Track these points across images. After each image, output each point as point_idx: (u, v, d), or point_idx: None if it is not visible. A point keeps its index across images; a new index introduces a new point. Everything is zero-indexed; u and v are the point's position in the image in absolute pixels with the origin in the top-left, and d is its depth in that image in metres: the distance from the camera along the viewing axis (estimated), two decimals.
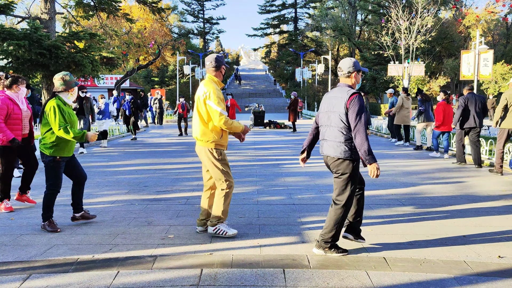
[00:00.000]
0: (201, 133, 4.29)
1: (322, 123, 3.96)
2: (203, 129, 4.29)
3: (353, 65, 3.87)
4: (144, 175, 7.97)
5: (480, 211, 5.44)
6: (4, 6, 12.68)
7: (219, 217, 4.35)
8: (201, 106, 4.27)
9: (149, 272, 3.46)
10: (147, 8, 18.54)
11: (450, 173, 8.26)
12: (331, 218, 3.77)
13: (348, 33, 50.32)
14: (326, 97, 3.99)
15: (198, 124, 4.32)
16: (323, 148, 3.91)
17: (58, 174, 4.63)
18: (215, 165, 4.31)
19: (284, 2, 64.73)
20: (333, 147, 3.77)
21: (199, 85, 4.44)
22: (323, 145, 3.91)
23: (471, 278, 3.35)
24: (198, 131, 4.33)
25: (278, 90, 59.99)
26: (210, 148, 4.30)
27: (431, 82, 35.29)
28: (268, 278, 3.35)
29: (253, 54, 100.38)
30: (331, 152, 3.79)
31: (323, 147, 3.92)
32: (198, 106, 4.30)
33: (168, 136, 16.74)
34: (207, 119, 4.27)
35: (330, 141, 3.80)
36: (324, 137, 3.90)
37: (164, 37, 46.37)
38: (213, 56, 4.41)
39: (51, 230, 4.58)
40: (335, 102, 3.80)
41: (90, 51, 13.39)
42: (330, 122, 3.82)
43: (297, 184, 7.14)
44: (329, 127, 3.84)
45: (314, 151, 4.63)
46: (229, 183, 4.33)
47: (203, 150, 4.34)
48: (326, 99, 3.96)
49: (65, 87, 4.60)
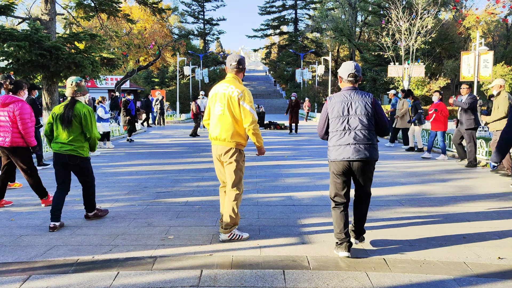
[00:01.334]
0: (234, 133, 4.14)
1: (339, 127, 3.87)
2: (235, 129, 4.15)
3: (359, 69, 3.98)
4: (144, 176, 7.97)
5: (480, 212, 5.44)
6: (4, 7, 12.69)
7: (234, 222, 4.27)
8: (234, 106, 4.13)
9: (149, 273, 3.46)
10: (148, 9, 18.54)
11: (450, 174, 8.26)
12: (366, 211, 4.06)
13: (348, 34, 50.37)
14: (335, 101, 3.93)
15: (230, 124, 4.14)
16: (350, 152, 3.80)
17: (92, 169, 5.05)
18: (238, 167, 4.23)
19: (284, 3, 64.79)
20: (369, 150, 3.81)
21: (221, 84, 4.29)
22: (348, 149, 3.81)
23: (471, 280, 3.35)
24: (228, 132, 4.15)
25: (278, 91, 60.05)
26: (239, 149, 4.23)
27: (431, 83, 35.31)
28: (268, 279, 3.35)
29: (253, 55, 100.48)
30: (366, 155, 3.79)
31: (348, 151, 3.81)
32: (230, 106, 4.14)
33: (169, 137, 16.75)
34: (239, 120, 4.16)
35: (367, 145, 3.81)
36: (354, 141, 3.81)
37: (165, 38, 46.42)
38: (238, 57, 4.33)
39: (104, 213, 5.17)
40: (355, 105, 3.84)
41: (91, 52, 13.39)
42: (356, 125, 3.82)
43: (297, 185, 7.14)
44: (354, 130, 3.82)
45: (314, 153, 4.61)
46: (242, 187, 4.34)
47: (231, 152, 4.19)
48: (337, 103, 3.91)
49: (83, 92, 4.82)
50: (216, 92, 4.29)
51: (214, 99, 4.29)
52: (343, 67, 4.00)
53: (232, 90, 4.17)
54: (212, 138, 4.28)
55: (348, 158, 3.80)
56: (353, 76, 3.93)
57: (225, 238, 4.27)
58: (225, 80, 4.35)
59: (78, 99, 4.80)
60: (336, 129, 3.89)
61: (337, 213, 3.93)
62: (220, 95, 4.23)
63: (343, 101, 3.90)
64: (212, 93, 4.35)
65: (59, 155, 4.72)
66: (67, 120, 4.66)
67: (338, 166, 3.88)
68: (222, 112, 4.18)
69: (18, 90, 5.71)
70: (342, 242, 3.85)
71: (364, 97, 3.88)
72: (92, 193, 5.00)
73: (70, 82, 4.77)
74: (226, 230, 4.25)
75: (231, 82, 4.26)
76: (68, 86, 4.77)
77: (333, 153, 3.91)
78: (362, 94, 3.90)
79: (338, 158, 3.85)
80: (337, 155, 3.86)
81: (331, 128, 3.94)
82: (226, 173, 4.29)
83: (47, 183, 7.25)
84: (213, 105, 4.30)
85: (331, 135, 3.95)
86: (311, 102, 45.08)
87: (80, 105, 4.75)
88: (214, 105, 4.27)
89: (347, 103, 3.87)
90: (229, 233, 4.27)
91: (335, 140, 3.89)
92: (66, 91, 4.80)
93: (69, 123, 4.67)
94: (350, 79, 3.94)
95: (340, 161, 3.85)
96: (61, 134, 4.70)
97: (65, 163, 4.74)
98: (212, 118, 4.31)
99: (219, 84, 4.33)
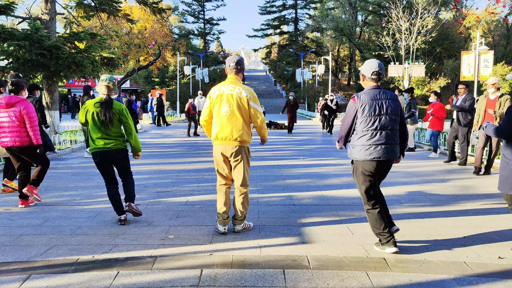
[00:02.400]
0: (244, 132, 4.29)
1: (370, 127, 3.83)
2: (245, 129, 4.31)
3: (383, 68, 3.96)
4: (144, 176, 7.97)
5: (480, 211, 5.44)
6: (4, 6, 12.68)
7: (245, 214, 4.55)
8: (244, 106, 4.27)
9: (149, 273, 3.46)
10: (148, 9, 18.52)
11: (450, 174, 8.26)
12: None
13: (349, 34, 50.32)
14: (364, 100, 3.85)
15: (241, 124, 4.27)
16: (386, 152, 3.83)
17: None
18: (247, 164, 4.44)
19: (285, 3, 64.71)
20: (396, 149, 3.91)
21: (225, 85, 4.35)
22: (385, 149, 3.83)
23: (471, 279, 3.35)
24: (240, 131, 4.27)
25: (278, 90, 59.99)
26: (247, 148, 4.43)
27: (432, 83, 35.30)
28: (268, 278, 3.35)
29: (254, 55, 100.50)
30: (394, 155, 3.90)
31: (385, 151, 3.83)
32: (240, 107, 4.26)
33: (169, 137, 16.75)
34: (247, 119, 4.32)
35: (395, 145, 3.90)
36: (385, 141, 3.84)
37: (165, 38, 46.39)
38: (237, 58, 4.44)
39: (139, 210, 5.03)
40: (386, 104, 3.85)
41: (91, 52, 13.38)
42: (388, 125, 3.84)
43: (297, 185, 7.14)
44: (392, 130, 3.86)
45: (315, 153, 4.61)
46: (248, 183, 4.54)
47: (241, 150, 4.34)
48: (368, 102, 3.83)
49: (116, 91, 4.87)
50: (221, 93, 4.33)
51: (219, 99, 4.33)
52: (367, 65, 3.93)
53: (240, 91, 4.28)
54: (220, 139, 4.34)
55: (379, 157, 3.81)
56: (377, 74, 3.88)
57: (240, 228, 4.56)
58: (227, 81, 4.40)
59: (112, 97, 4.83)
60: (367, 129, 3.83)
61: (374, 212, 3.94)
62: (227, 96, 4.29)
63: (374, 99, 3.83)
64: (216, 93, 4.37)
65: (105, 152, 4.74)
66: (108, 119, 4.68)
67: (368, 166, 3.86)
68: (232, 112, 4.28)
69: (20, 91, 5.75)
70: (390, 239, 3.90)
71: (392, 97, 3.90)
72: (133, 183, 5.09)
73: (105, 80, 4.75)
74: (240, 221, 4.53)
75: (235, 83, 4.35)
76: (103, 84, 4.74)
77: (362, 153, 3.86)
78: (389, 93, 3.91)
79: (368, 158, 3.83)
80: (366, 155, 3.83)
81: (361, 128, 3.86)
82: (236, 171, 4.43)
83: (45, 184, 7.25)
84: (218, 106, 4.33)
85: (360, 134, 3.87)
86: (311, 102, 45.11)
87: (116, 103, 4.79)
88: (221, 106, 4.31)
89: (378, 103, 3.82)
90: (243, 224, 4.57)
91: (365, 140, 3.83)
92: (100, 89, 4.76)
93: (110, 122, 4.70)
94: (374, 77, 3.89)
95: (370, 161, 3.84)
96: (103, 131, 4.72)
97: (112, 158, 4.80)
98: (218, 119, 4.34)
99: (223, 85, 4.38)
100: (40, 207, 5.64)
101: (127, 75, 29.44)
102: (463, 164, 9.26)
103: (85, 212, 5.41)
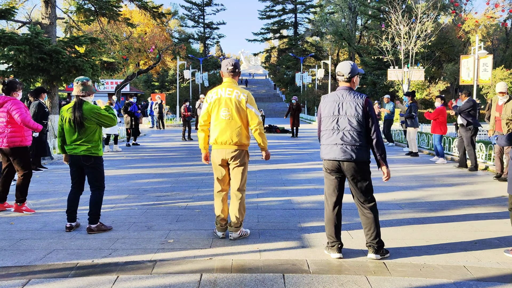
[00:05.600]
0: (243, 136, 4.25)
1: (329, 127, 3.88)
2: (244, 132, 4.27)
3: (352, 69, 3.90)
4: (144, 180, 7.97)
5: (480, 216, 5.44)
6: (5, 11, 12.73)
7: (242, 220, 4.44)
8: (243, 109, 4.23)
9: (148, 277, 3.46)
10: (148, 13, 18.60)
11: (450, 178, 8.26)
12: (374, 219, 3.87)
13: (348, 38, 50.44)
14: (327, 100, 3.94)
15: (240, 127, 4.22)
16: (337, 152, 3.80)
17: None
18: (245, 168, 4.38)
19: (284, 8, 64.99)
20: (353, 150, 3.76)
21: (222, 88, 4.29)
22: (335, 149, 3.81)
23: (471, 283, 3.35)
24: (239, 135, 4.22)
25: (278, 94, 60.12)
26: (247, 151, 4.38)
27: (431, 87, 35.36)
28: (267, 283, 3.34)
29: (253, 59, 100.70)
30: (353, 156, 3.75)
31: (335, 152, 3.81)
32: (238, 110, 4.21)
33: (168, 141, 16.75)
34: (245, 123, 4.27)
35: (348, 145, 3.77)
36: (335, 142, 3.82)
37: (165, 42, 46.51)
38: (234, 61, 4.39)
39: (108, 228, 4.79)
40: (346, 106, 3.81)
41: (91, 56, 13.42)
42: (344, 126, 3.79)
43: (297, 189, 7.14)
44: (343, 131, 3.80)
45: (314, 157, 4.62)
46: (245, 188, 4.48)
47: (241, 154, 4.29)
48: (329, 102, 3.92)
49: (89, 92, 4.69)
50: (219, 97, 4.27)
51: (217, 104, 4.27)
52: (338, 67, 4.00)
53: (238, 94, 4.23)
54: (220, 143, 4.27)
55: (335, 158, 3.83)
56: (340, 75, 3.92)
57: (236, 236, 4.42)
58: (224, 84, 4.34)
59: (84, 99, 4.65)
60: (326, 128, 3.92)
61: (327, 212, 3.96)
62: (225, 100, 4.24)
63: (335, 100, 3.89)
64: (213, 97, 4.31)
65: (74, 157, 4.69)
66: (78, 123, 4.55)
67: (328, 165, 3.93)
68: (231, 116, 4.22)
69: (11, 92, 5.61)
70: (334, 245, 3.89)
71: (356, 98, 3.82)
72: (100, 201, 4.75)
73: (76, 81, 4.69)
74: (236, 229, 4.41)
75: (232, 86, 4.30)
76: (74, 85, 4.68)
77: (322, 152, 3.98)
78: (355, 94, 3.85)
79: (326, 157, 3.91)
80: (325, 154, 3.92)
81: (323, 127, 3.97)
82: (234, 175, 4.36)
83: (45, 188, 7.25)
84: (216, 110, 4.27)
85: (322, 133, 3.99)
86: (311, 106, 45.16)
87: (88, 106, 4.60)
88: (219, 110, 4.25)
89: (338, 103, 3.87)
90: (239, 231, 4.44)
91: (325, 139, 3.93)
92: (73, 91, 4.71)
93: (80, 126, 4.57)
94: (339, 78, 3.96)
95: (327, 160, 3.91)
96: (73, 135, 4.62)
97: (79, 164, 4.71)
98: (217, 123, 4.27)
99: (220, 89, 4.31)
100: (39, 212, 5.63)
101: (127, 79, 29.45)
102: (474, 170, 9.08)
103: (84, 216, 5.40)
